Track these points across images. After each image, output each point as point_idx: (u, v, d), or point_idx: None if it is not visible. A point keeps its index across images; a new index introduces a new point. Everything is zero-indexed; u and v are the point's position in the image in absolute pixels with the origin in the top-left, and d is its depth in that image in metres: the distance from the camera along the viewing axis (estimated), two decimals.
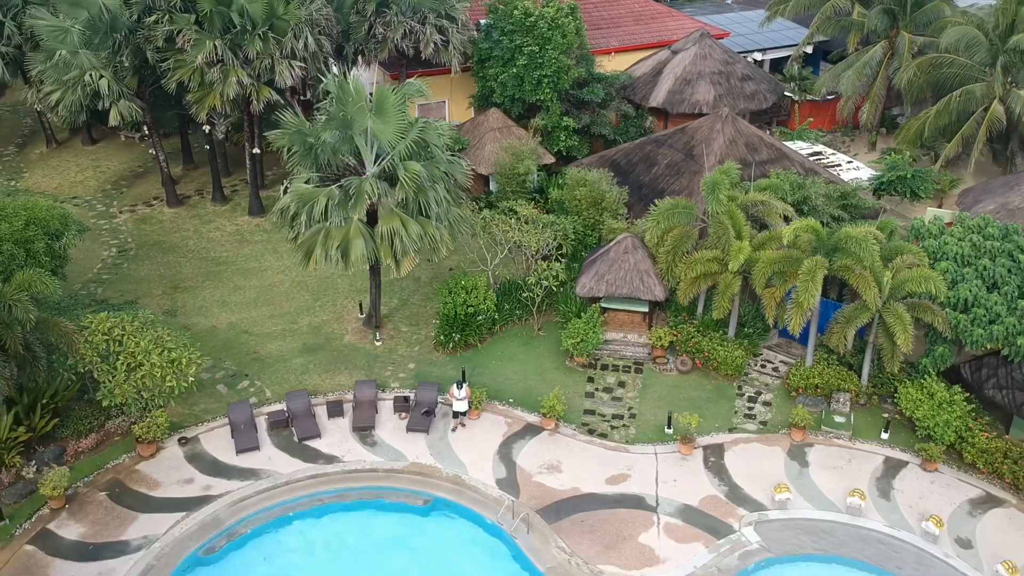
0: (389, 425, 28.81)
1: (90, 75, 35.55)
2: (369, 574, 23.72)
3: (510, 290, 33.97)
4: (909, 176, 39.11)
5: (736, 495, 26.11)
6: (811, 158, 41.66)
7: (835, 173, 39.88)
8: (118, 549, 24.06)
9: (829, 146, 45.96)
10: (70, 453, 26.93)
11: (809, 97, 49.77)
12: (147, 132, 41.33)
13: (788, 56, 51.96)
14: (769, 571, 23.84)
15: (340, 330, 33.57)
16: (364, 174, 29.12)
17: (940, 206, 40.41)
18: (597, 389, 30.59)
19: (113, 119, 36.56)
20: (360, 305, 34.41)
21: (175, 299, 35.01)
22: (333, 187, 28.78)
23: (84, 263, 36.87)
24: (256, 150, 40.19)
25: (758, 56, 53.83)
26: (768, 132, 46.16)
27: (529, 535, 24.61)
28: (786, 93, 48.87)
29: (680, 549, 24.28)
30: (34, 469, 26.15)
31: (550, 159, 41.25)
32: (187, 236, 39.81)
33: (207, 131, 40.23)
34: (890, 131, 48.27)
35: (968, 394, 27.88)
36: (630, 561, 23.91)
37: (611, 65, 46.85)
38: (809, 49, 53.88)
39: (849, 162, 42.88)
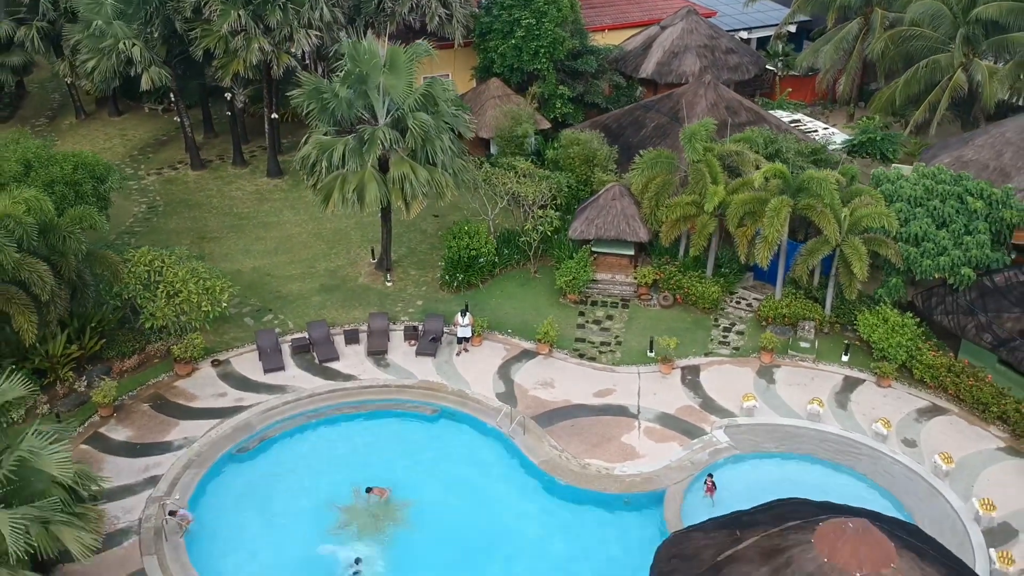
0: (400, 351, 32.08)
1: (123, 43, 38.78)
2: (386, 470, 26.83)
3: (509, 238, 37.19)
4: (878, 139, 42.21)
5: (709, 405, 29.36)
6: (790, 124, 44.76)
7: (811, 137, 43.02)
8: (162, 448, 27.34)
9: (808, 116, 49.10)
10: (115, 371, 30.20)
11: (791, 73, 52.96)
12: (172, 100, 44.52)
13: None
14: (736, 466, 27.03)
15: (354, 273, 36.83)
16: (377, 125, 32.31)
17: None
18: (587, 321, 33.84)
19: (145, 84, 39.84)
20: (372, 251, 37.66)
21: (202, 247, 38.20)
22: (349, 137, 32.04)
23: (117, 218, 39.93)
24: (274, 115, 43.48)
25: (744, 35, 56.92)
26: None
27: (525, 436, 27.87)
28: (768, 67, 52.06)
29: (658, 447, 27.52)
30: (85, 383, 29.38)
31: (546, 125, 44.40)
32: (211, 195, 43.08)
33: (228, 98, 43.57)
34: (869, 104, 51.32)
35: (920, 320, 31.10)
36: (613, 456, 27.16)
37: (604, 41, 49.97)
38: (793, 28, 57.05)
39: (825, 128, 46.05)
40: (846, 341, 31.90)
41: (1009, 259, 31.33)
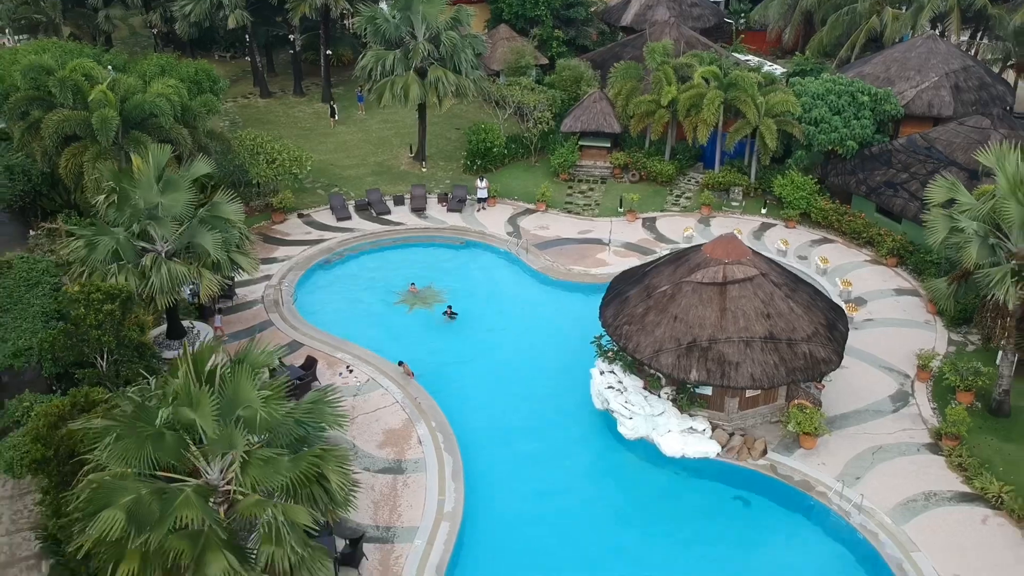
0: (435, 209, 43.28)
1: None
2: (427, 275, 37.84)
3: (515, 138, 48.30)
4: (809, 69, 53.17)
5: (660, 239, 40.47)
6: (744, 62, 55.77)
7: None
8: (271, 261, 38.49)
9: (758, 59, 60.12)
10: None
11: (748, 28, 64.13)
12: (248, 39, 55.79)
13: None
14: None
15: (396, 163, 48.07)
16: (417, 42, 43.55)
17: None
18: (574, 192, 45.03)
19: (231, 23, 51.23)
20: (410, 148, 48.91)
21: None
22: (397, 51, 43.30)
23: None
24: (328, 52, 54.76)
25: None
26: None
27: (527, 254, 39.02)
28: (726, 20, 63.22)
29: (622, 260, 38.57)
30: None
31: (544, 61, 55.59)
32: (279, 115, 54.36)
33: (292, 39, 54.90)
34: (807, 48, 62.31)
35: (820, 183, 42.15)
36: (590, 265, 38.30)
37: None
38: None
39: (770, 65, 57.04)
40: (765, 200, 42.98)
41: (887, 139, 42.38)
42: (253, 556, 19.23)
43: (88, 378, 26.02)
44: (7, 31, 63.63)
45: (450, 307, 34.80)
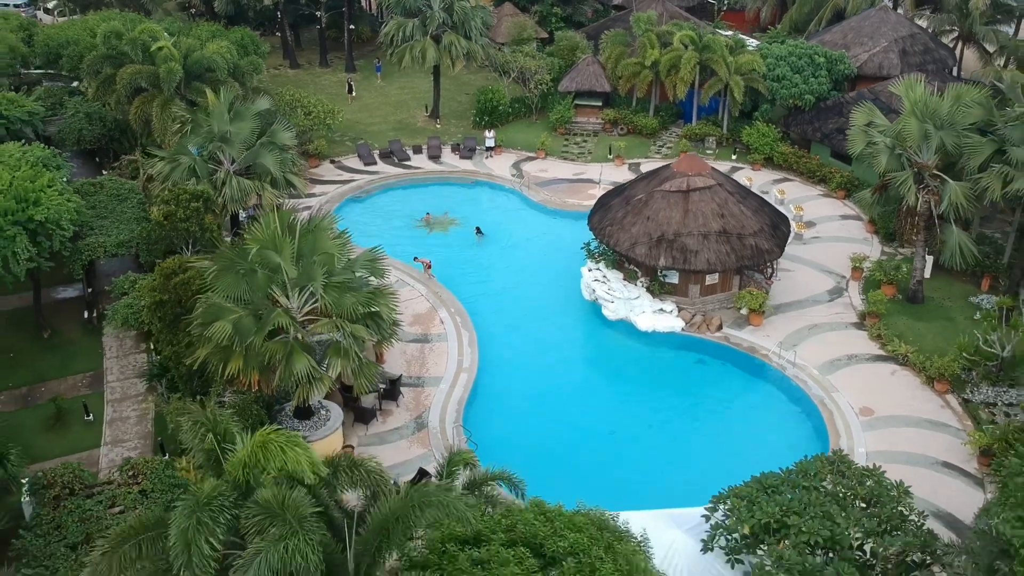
0: (449, 157, 49.85)
1: None
2: (443, 207, 44.38)
3: (519, 99, 54.82)
4: (780, 42, 59.65)
5: None
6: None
7: None
8: (309, 195, 45.00)
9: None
10: None
11: (728, 7, 70.71)
12: (279, 16, 62.38)
13: None
14: None
15: (413, 121, 54.68)
16: (433, 10, 50.16)
17: None
18: (570, 144, 51.56)
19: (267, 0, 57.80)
20: (425, 107, 55.48)
21: None
22: (415, 19, 49.89)
23: None
24: (351, 27, 61.36)
25: None
26: None
27: (529, 190, 45.55)
28: (710, 0, 69.82)
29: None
30: None
31: (544, 35, 62.13)
32: (307, 83, 60.92)
33: (319, 16, 61.48)
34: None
35: (784, 133, 48.66)
36: (583, 199, 44.78)
37: None
38: None
39: (748, 37, 63.59)
40: (735, 148, 49.51)
41: (841, 95, 48.83)
42: (325, 365, 25.85)
43: None
44: (55, 12, 70.46)
45: (478, 228, 41.36)
